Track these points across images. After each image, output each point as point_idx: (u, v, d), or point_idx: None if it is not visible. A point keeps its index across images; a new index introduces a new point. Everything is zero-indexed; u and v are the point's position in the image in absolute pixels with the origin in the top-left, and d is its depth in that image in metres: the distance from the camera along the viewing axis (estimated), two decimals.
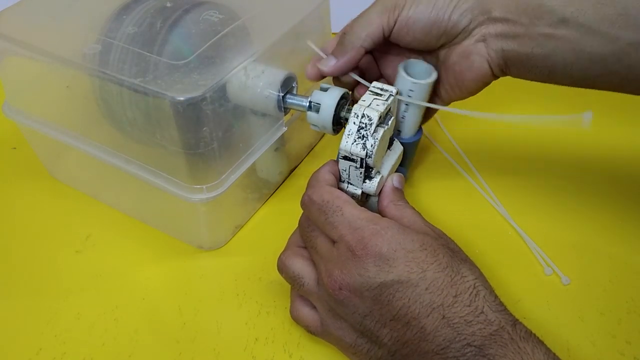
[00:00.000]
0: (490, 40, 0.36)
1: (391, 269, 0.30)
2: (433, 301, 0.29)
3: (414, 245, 0.30)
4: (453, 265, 0.30)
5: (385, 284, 0.29)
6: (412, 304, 0.29)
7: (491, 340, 0.28)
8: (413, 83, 0.37)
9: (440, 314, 0.29)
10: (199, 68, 0.35)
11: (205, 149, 0.36)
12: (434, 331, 0.29)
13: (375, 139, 0.34)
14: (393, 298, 0.29)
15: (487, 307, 0.29)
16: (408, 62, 0.39)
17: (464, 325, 0.28)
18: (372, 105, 0.35)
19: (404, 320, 0.29)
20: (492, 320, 0.29)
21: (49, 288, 0.41)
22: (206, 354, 0.37)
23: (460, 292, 0.29)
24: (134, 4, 0.40)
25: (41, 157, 0.50)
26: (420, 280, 0.29)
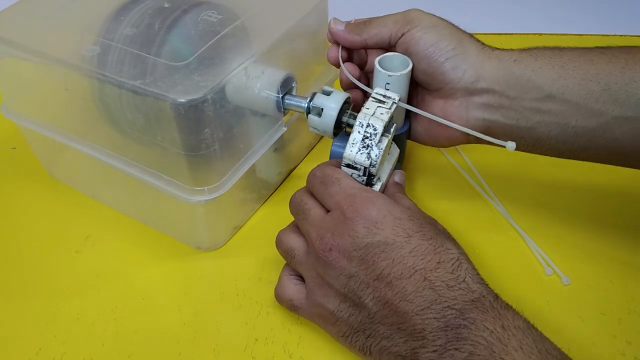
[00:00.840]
0: (474, 110, 0.36)
1: (378, 231, 0.31)
2: (416, 264, 0.30)
3: (402, 214, 0.32)
4: (438, 239, 0.32)
5: (372, 244, 0.31)
6: (396, 265, 0.31)
7: (472, 305, 0.29)
8: (389, 76, 0.37)
9: (422, 276, 0.30)
10: (199, 69, 0.35)
11: (206, 150, 0.36)
12: (415, 292, 0.30)
13: (380, 149, 0.34)
14: (378, 258, 0.31)
15: (469, 278, 0.30)
16: (384, 56, 0.39)
17: (446, 289, 0.30)
18: (376, 113, 0.35)
19: (386, 280, 0.31)
20: (474, 289, 0.30)
21: (48, 288, 0.41)
22: (206, 354, 0.37)
23: (444, 260, 0.31)
24: (132, 4, 0.39)
25: (40, 157, 0.50)
26: (405, 243, 0.31)
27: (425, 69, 0.37)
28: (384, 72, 0.37)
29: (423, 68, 0.37)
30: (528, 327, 0.29)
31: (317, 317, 0.35)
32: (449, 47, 0.36)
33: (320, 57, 0.49)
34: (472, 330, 0.28)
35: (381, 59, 0.38)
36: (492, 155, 0.51)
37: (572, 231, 0.44)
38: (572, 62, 0.34)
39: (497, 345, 0.27)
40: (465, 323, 0.28)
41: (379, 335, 0.31)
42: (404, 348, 0.30)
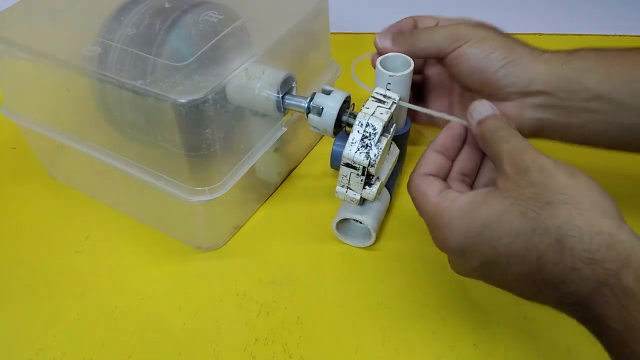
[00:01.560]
0: (527, 110, 0.37)
1: (470, 258, 0.31)
2: (521, 272, 0.29)
3: (475, 227, 0.30)
4: (525, 226, 0.28)
5: (476, 268, 0.31)
6: (506, 278, 0.30)
7: (592, 299, 0.27)
8: (390, 76, 0.37)
9: (532, 281, 0.28)
10: (200, 69, 0.35)
11: (207, 150, 0.36)
12: (536, 295, 0.30)
13: (379, 149, 0.34)
14: (489, 276, 0.31)
15: (578, 262, 0.26)
16: (386, 56, 0.39)
17: (560, 286, 0.27)
18: (376, 113, 0.35)
19: (510, 289, 0.31)
20: (588, 276, 0.26)
21: (48, 288, 0.41)
22: (206, 354, 0.37)
23: (543, 252, 0.27)
24: (132, 4, 0.39)
25: (40, 157, 0.50)
26: (498, 256, 0.29)
27: (479, 80, 0.38)
28: (385, 72, 0.37)
29: (477, 79, 0.38)
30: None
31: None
32: (500, 57, 0.37)
33: (320, 56, 0.49)
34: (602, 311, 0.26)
35: (383, 59, 0.38)
36: None
37: None
38: (618, 63, 0.36)
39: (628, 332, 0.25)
40: (595, 313, 0.27)
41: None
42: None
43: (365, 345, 0.37)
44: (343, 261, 0.43)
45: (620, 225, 0.27)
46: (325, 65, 0.49)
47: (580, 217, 0.27)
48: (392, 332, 0.38)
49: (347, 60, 0.53)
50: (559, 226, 0.27)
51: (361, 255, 0.43)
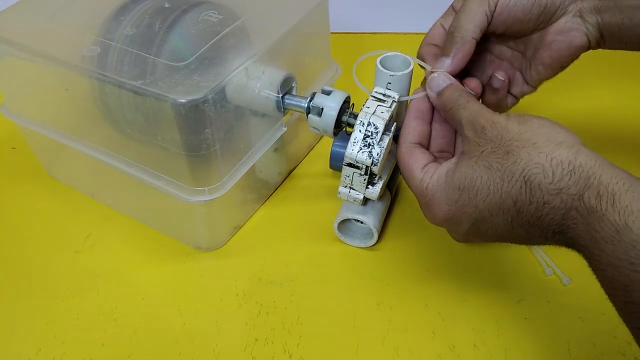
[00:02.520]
0: (587, 15, 0.37)
1: (459, 223, 0.32)
2: (505, 220, 0.30)
3: (454, 193, 0.32)
4: (493, 177, 0.30)
5: (469, 230, 0.33)
6: (496, 229, 0.31)
7: (564, 224, 0.28)
8: (391, 75, 0.37)
9: (518, 224, 0.30)
10: (200, 69, 0.35)
11: (207, 150, 0.36)
12: (526, 235, 0.31)
13: (381, 148, 0.34)
14: (482, 233, 0.32)
15: (547, 195, 0.28)
16: (385, 55, 0.39)
17: (538, 220, 0.29)
18: (376, 112, 0.35)
19: (504, 238, 0.32)
20: (558, 205, 0.28)
21: (48, 288, 0.41)
22: (206, 355, 0.37)
23: (516, 196, 0.29)
24: (132, 4, 0.39)
25: (40, 157, 0.50)
26: (481, 212, 0.31)
27: (537, 12, 0.37)
28: (385, 71, 0.37)
29: (535, 12, 0.37)
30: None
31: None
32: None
33: (320, 56, 0.49)
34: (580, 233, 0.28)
35: (383, 59, 0.38)
36: None
37: None
38: None
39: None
40: (578, 241, 0.28)
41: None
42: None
43: (365, 345, 0.37)
44: (343, 261, 0.43)
45: (578, 150, 0.29)
46: (325, 65, 0.49)
47: (539, 154, 0.29)
48: (392, 332, 0.38)
49: (347, 60, 0.53)
50: (523, 168, 0.29)
51: (361, 255, 0.43)
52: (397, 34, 0.67)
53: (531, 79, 0.41)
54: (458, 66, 0.38)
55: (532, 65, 0.40)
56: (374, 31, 0.68)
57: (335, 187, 0.39)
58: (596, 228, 0.27)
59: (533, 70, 0.40)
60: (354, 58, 0.44)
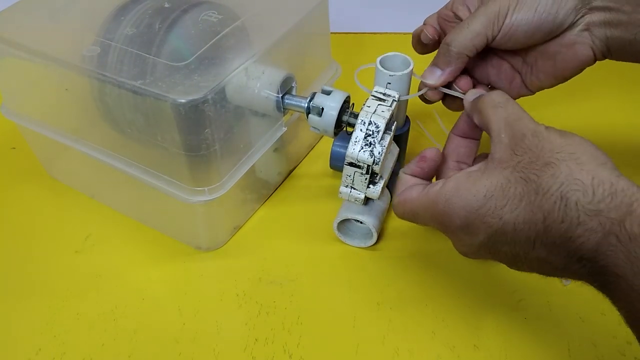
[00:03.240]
0: (595, 29, 0.36)
1: (476, 233, 0.30)
2: (528, 236, 0.28)
3: (478, 200, 0.30)
4: (528, 190, 0.28)
5: (482, 243, 0.30)
6: (514, 247, 0.29)
7: (599, 250, 0.26)
8: (390, 75, 0.37)
9: (540, 242, 0.28)
10: (200, 69, 0.35)
11: (206, 150, 0.36)
12: (545, 259, 0.29)
13: (382, 146, 0.34)
14: (496, 249, 0.30)
15: (583, 215, 0.27)
16: (385, 55, 0.39)
17: (568, 242, 0.27)
18: (377, 111, 0.35)
19: (517, 260, 0.30)
20: (594, 228, 0.26)
21: (48, 288, 0.41)
22: (206, 355, 0.37)
23: (548, 212, 0.27)
24: (132, 4, 0.39)
25: (40, 157, 0.50)
26: (505, 225, 0.29)
27: (542, 36, 0.36)
28: (385, 72, 0.37)
29: (539, 37, 0.36)
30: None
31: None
32: (549, 2, 0.35)
33: (320, 56, 0.49)
34: (613, 262, 0.26)
35: (382, 59, 0.38)
36: None
37: None
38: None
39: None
40: (607, 265, 0.26)
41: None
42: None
43: (365, 345, 0.37)
44: (343, 261, 0.43)
45: (619, 175, 0.27)
46: (325, 65, 0.49)
47: (581, 170, 0.27)
48: (392, 332, 0.38)
49: (347, 60, 0.53)
50: (562, 182, 0.27)
51: (361, 255, 0.43)
52: (397, 34, 0.67)
53: (530, 84, 0.40)
54: (448, 80, 0.38)
55: (533, 71, 0.39)
56: (374, 31, 0.68)
57: (335, 187, 0.39)
58: (639, 256, 0.25)
59: (533, 77, 0.39)
60: (354, 58, 0.44)
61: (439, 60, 0.38)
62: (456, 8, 0.40)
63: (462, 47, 0.37)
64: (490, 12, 0.36)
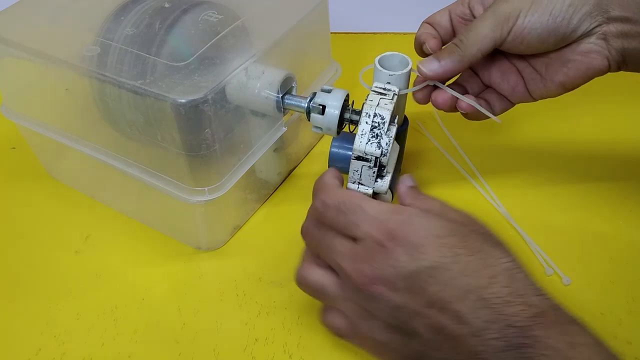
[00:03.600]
0: (611, 39, 0.35)
1: (423, 256, 0.29)
2: (468, 284, 0.28)
3: (442, 231, 0.29)
4: (485, 249, 0.29)
5: (418, 271, 0.28)
6: (447, 288, 0.28)
7: (534, 321, 0.27)
8: (390, 75, 0.37)
9: (477, 295, 0.28)
10: (200, 69, 0.35)
11: (207, 150, 0.36)
12: (471, 313, 0.27)
13: (389, 137, 0.34)
14: (426, 284, 0.28)
15: (527, 290, 0.28)
16: (383, 55, 0.39)
17: (504, 306, 0.27)
18: (380, 104, 0.35)
19: (438, 306, 0.28)
20: (534, 303, 0.27)
21: (48, 288, 0.41)
22: (206, 355, 0.37)
23: (497, 273, 0.28)
24: (132, 4, 0.39)
25: (40, 157, 0.50)
26: (453, 264, 0.28)
27: (554, 40, 0.35)
28: (384, 71, 0.37)
29: (551, 41, 0.35)
30: (596, 343, 0.26)
31: (367, 347, 0.33)
32: (565, 7, 0.34)
33: (320, 56, 0.49)
34: (535, 349, 0.26)
35: (381, 58, 0.39)
36: (493, 155, 0.51)
37: (573, 231, 0.44)
38: None
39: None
40: (528, 342, 0.26)
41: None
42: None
43: None
44: None
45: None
46: (325, 65, 0.49)
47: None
48: None
49: (347, 60, 0.53)
50: (512, 260, 0.29)
51: None
52: (397, 34, 0.67)
53: (535, 92, 0.39)
54: (443, 77, 0.37)
55: (540, 78, 0.38)
56: (374, 31, 0.68)
57: None
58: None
59: (540, 84, 0.38)
60: (354, 58, 0.44)
61: (442, 54, 0.37)
62: (472, 5, 0.39)
63: (467, 50, 0.36)
64: (500, 14, 0.35)
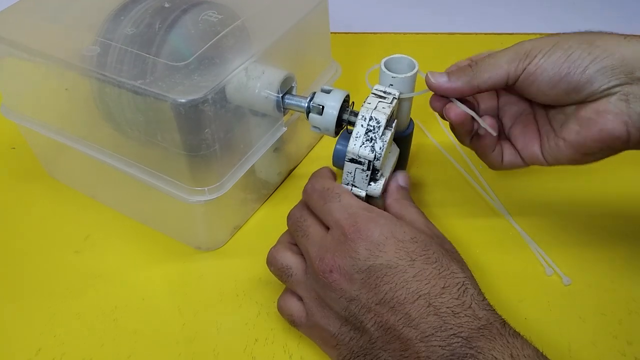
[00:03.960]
0: (634, 102, 0.31)
1: (381, 254, 0.30)
2: (420, 289, 0.29)
3: (405, 236, 0.31)
4: (443, 262, 0.31)
5: (374, 267, 0.30)
6: (399, 289, 0.30)
7: (479, 333, 0.28)
8: (392, 77, 0.37)
9: (427, 301, 0.29)
10: (200, 69, 0.35)
11: (207, 150, 0.36)
12: (419, 317, 0.29)
13: (383, 142, 0.34)
14: (380, 282, 0.30)
15: (475, 304, 0.29)
16: (390, 57, 0.39)
17: (451, 316, 0.28)
18: (378, 108, 0.35)
19: (389, 305, 0.30)
20: (481, 316, 0.29)
21: (48, 288, 0.41)
22: (206, 355, 0.37)
23: (449, 285, 0.30)
24: (132, 4, 0.39)
25: (40, 157, 0.50)
26: (409, 267, 0.30)
27: (565, 88, 0.33)
28: (388, 73, 0.38)
29: (562, 88, 0.33)
30: (537, 356, 0.28)
31: (317, 337, 0.34)
32: (585, 53, 0.32)
33: (320, 56, 0.49)
34: (479, 359, 0.27)
35: (387, 61, 0.39)
36: None
37: (573, 231, 0.44)
38: None
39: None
40: (472, 352, 0.27)
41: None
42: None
43: None
44: None
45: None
46: (325, 65, 0.49)
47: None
48: None
49: (348, 61, 0.53)
50: (466, 277, 0.31)
51: None
52: (396, 34, 0.67)
53: (548, 152, 0.36)
54: (446, 93, 0.36)
55: (554, 136, 0.35)
56: (374, 31, 0.68)
57: None
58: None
59: (552, 142, 0.35)
60: (354, 58, 0.44)
61: (456, 72, 0.36)
62: None
63: (478, 75, 0.35)
64: (520, 50, 0.34)
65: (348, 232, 0.31)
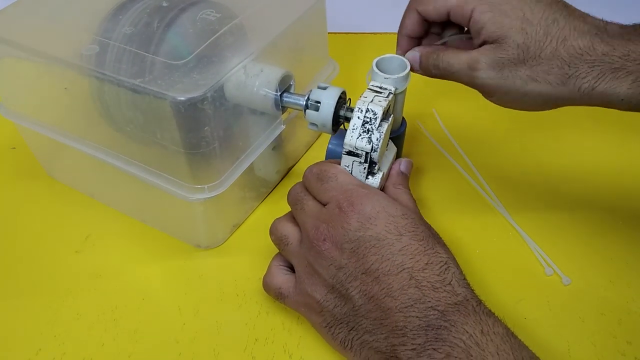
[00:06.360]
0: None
1: (371, 227, 0.32)
2: (404, 262, 0.31)
3: (396, 212, 0.33)
4: (429, 241, 0.32)
5: (363, 238, 0.32)
6: (384, 261, 0.31)
7: (454, 308, 0.29)
8: (385, 78, 0.37)
9: (409, 274, 0.31)
10: (198, 67, 0.35)
11: (206, 148, 0.36)
12: (400, 289, 0.30)
13: (380, 133, 0.34)
14: (368, 252, 0.32)
15: (455, 281, 0.31)
16: (382, 57, 0.39)
17: (431, 290, 0.30)
18: (374, 101, 0.35)
19: (374, 275, 0.31)
20: (458, 293, 0.30)
21: (48, 288, 0.41)
22: (206, 355, 0.37)
23: (432, 262, 0.31)
24: (130, 3, 0.39)
25: (39, 157, 0.50)
26: (396, 241, 0.32)
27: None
28: (380, 74, 0.37)
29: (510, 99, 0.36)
30: (507, 334, 0.29)
31: (303, 305, 0.35)
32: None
33: (318, 55, 0.49)
34: (451, 332, 0.28)
35: (379, 60, 0.38)
36: (493, 156, 0.51)
37: (572, 231, 0.44)
38: None
39: (475, 349, 0.27)
40: (446, 325, 0.29)
41: (361, 329, 0.32)
42: (384, 344, 0.30)
43: None
44: None
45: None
46: (323, 63, 0.49)
47: None
48: None
49: (346, 60, 0.53)
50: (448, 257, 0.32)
51: None
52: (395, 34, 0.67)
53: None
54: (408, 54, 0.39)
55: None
56: (372, 31, 0.68)
57: None
58: None
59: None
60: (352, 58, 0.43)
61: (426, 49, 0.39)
62: None
63: (444, 63, 0.37)
64: (469, 57, 0.35)
65: (342, 205, 0.33)
